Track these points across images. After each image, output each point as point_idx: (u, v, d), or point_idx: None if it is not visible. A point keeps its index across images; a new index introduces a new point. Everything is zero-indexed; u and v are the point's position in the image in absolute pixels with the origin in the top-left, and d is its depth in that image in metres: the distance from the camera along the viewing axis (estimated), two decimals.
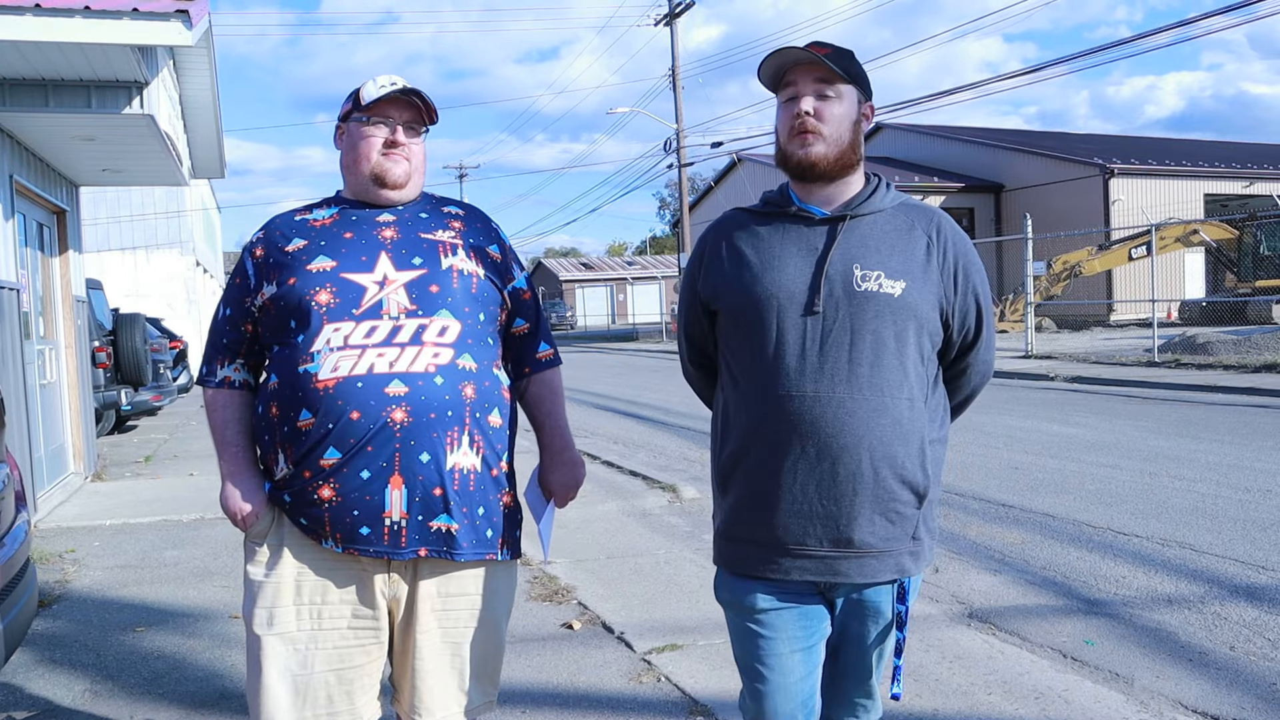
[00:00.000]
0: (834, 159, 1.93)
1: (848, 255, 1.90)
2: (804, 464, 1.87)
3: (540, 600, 4.54)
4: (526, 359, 2.22)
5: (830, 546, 1.90)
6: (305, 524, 2.00)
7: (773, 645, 1.97)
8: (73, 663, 3.97)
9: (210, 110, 8.90)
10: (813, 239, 1.94)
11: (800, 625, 1.97)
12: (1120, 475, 7.11)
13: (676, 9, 30.45)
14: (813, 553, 1.91)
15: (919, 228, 1.96)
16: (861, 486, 1.87)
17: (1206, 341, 15.40)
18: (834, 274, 1.89)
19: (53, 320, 8.20)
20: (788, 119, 1.95)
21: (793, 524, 1.90)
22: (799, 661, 1.98)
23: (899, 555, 1.93)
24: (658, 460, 8.79)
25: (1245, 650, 3.74)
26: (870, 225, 1.94)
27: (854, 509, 1.88)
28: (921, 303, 1.90)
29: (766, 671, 1.98)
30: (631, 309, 59.91)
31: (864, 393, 1.86)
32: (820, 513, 1.89)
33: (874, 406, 1.86)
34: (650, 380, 18.21)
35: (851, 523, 1.88)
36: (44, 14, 5.17)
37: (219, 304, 2.17)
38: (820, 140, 1.92)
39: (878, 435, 1.86)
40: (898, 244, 1.93)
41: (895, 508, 1.90)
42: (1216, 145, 38.86)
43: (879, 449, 1.87)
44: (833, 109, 1.93)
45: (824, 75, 1.93)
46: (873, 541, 1.90)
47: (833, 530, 1.89)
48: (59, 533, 6.40)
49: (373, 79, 2.10)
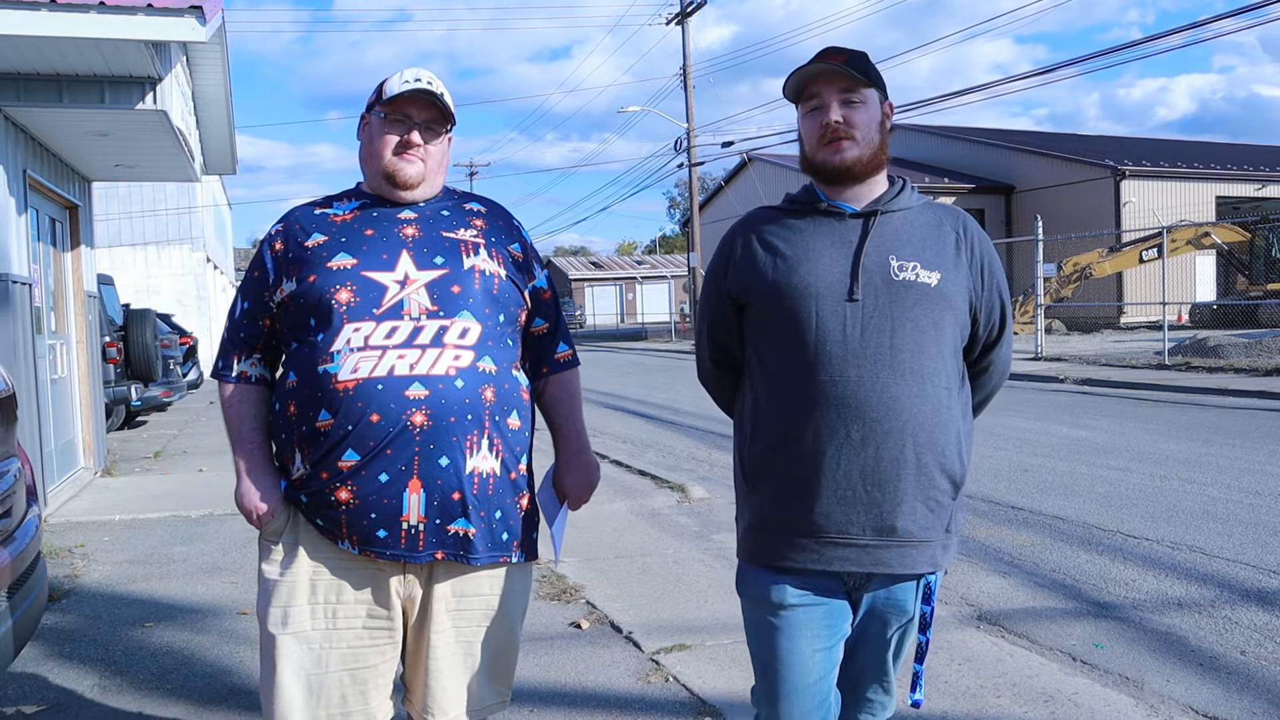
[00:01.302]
0: (867, 160, 1.96)
1: (882, 247, 1.93)
2: (848, 450, 1.86)
3: (548, 599, 4.53)
4: (545, 359, 2.21)
5: (873, 535, 1.89)
6: (322, 524, 1.99)
7: (795, 644, 1.94)
8: (82, 657, 3.98)
9: (222, 106, 8.92)
10: (845, 232, 1.95)
11: (825, 624, 1.95)
12: (1130, 478, 7.08)
13: (688, 8, 30.42)
14: (855, 540, 1.89)
15: (947, 224, 2.00)
16: (905, 472, 1.87)
17: (1218, 344, 15.34)
18: (871, 265, 1.91)
19: (64, 315, 8.23)
20: (815, 128, 1.96)
21: (835, 511, 1.88)
22: (819, 662, 1.95)
23: (934, 547, 1.94)
24: (667, 460, 8.77)
25: (1256, 655, 3.72)
26: (901, 220, 1.97)
27: (899, 495, 1.87)
28: (955, 294, 1.94)
29: (786, 671, 1.94)
30: (641, 308, 59.90)
31: (906, 379, 1.87)
32: (864, 499, 1.87)
33: (916, 392, 1.87)
34: (659, 380, 18.21)
35: (896, 509, 1.88)
36: (59, 9, 5.19)
37: (236, 297, 2.14)
38: (854, 144, 1.95)
39: (920, 421, 1.87)
40: (930, 238, 1.96)
41: (935, 496, 1.91)
42: (1228, 147, 38.66)
43: (922, 435, 1.87)
44: (859, 114, 1.95)
45: (846, 83, 1.95)
46: (914, 530, 1.90)
47: (876, 517, 1.88)
48: (68, 527, 6.42)
49: (399, 72, 2.07)
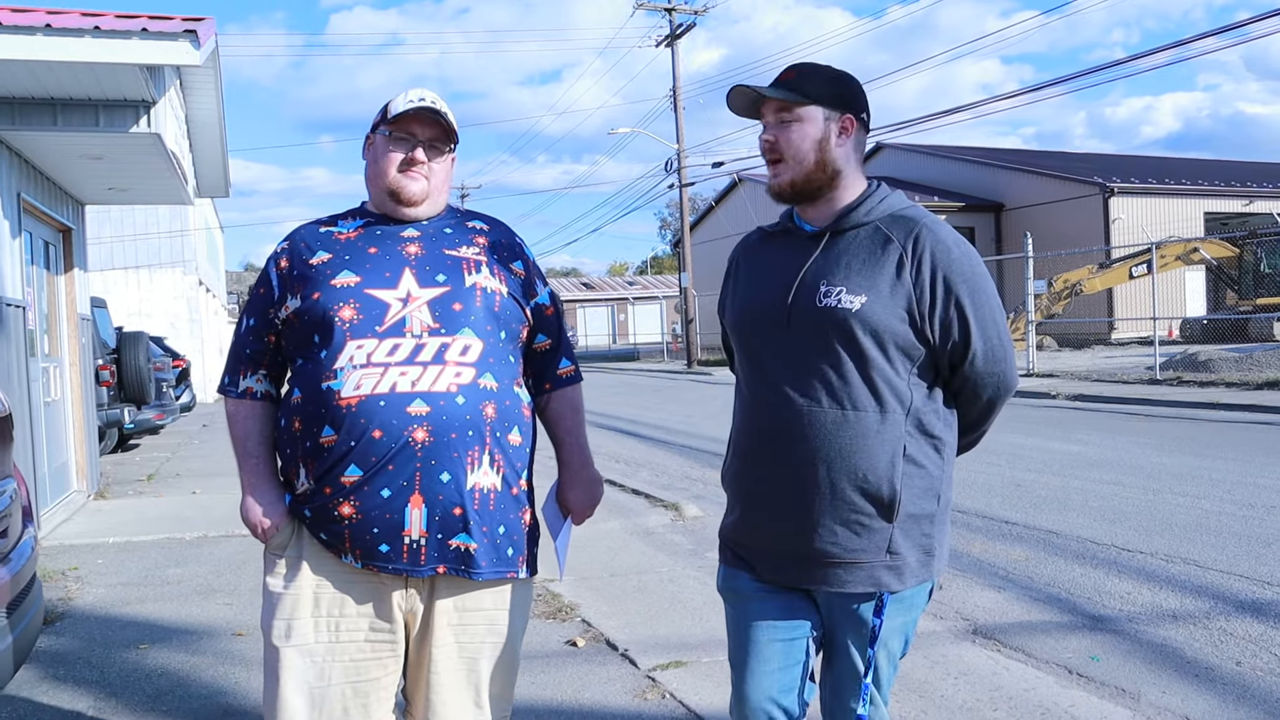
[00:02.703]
0: (802, 181, 1.97)
1: (819, 271, 1.95)
2: (778, 471, 1.96)
3: (544, 618, 4.53)
4: (548, 375, 2.23)
5: (796, 552, 1.97)
6: (325, 539, 2.00)
7: (753, 632, 2.04)
8: (76, 680, 3.96)
9: (216, 130, 8.95)
10: (798, 255, 2.00)
11: (782, 615, 2.02)
12: (1123, 492, 7.10)
13: (678, 30, 30.64)
14: (785, 555, 1.99)
15: (896, 240, 1.92)
16: (819, 496, 1.92)
17: (1208, 359, 15.40)
18: (805, 289, 1.95)
19: (58, 338, 8.23)
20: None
21: (768, 527, 2.00)
22: (777, 651, 2.02)
23: (873, 568, 1.93)
24: (660, 479, 8.78)
25: (1251, 666, 3.73)
26: (849, 241, 1.96)
27: (814, 517, 1.93)
28: (883, 316, 1.88)
29: (744, 656, 2.04)
30: (632, 329, 59.94)
31: (825, 403, 1.91)
32: (789, 517, 1.96)
33: (835, 417, 1.90)
34: (652, 400, 18.21)
35: (812, 531, 1.94)
36: (54, 34, 5.23)
37: (241, 314, 2.16)
38: (785, 166, 1.97)
39: (837, 447, 1.90)
40: (868, 259, 1.92)
41: (858, 519, 1.92)
42: (1216, 164, 38.97)
43: (837, 460, 1.90)
44: (789, 133, 1.96)
45: (779, 103, 1.97)
46: (836, 551, 1.93)
47: (795, 536, 1.96)
48: (62, 550, 6.40)
49: (404, 92, 2.10)
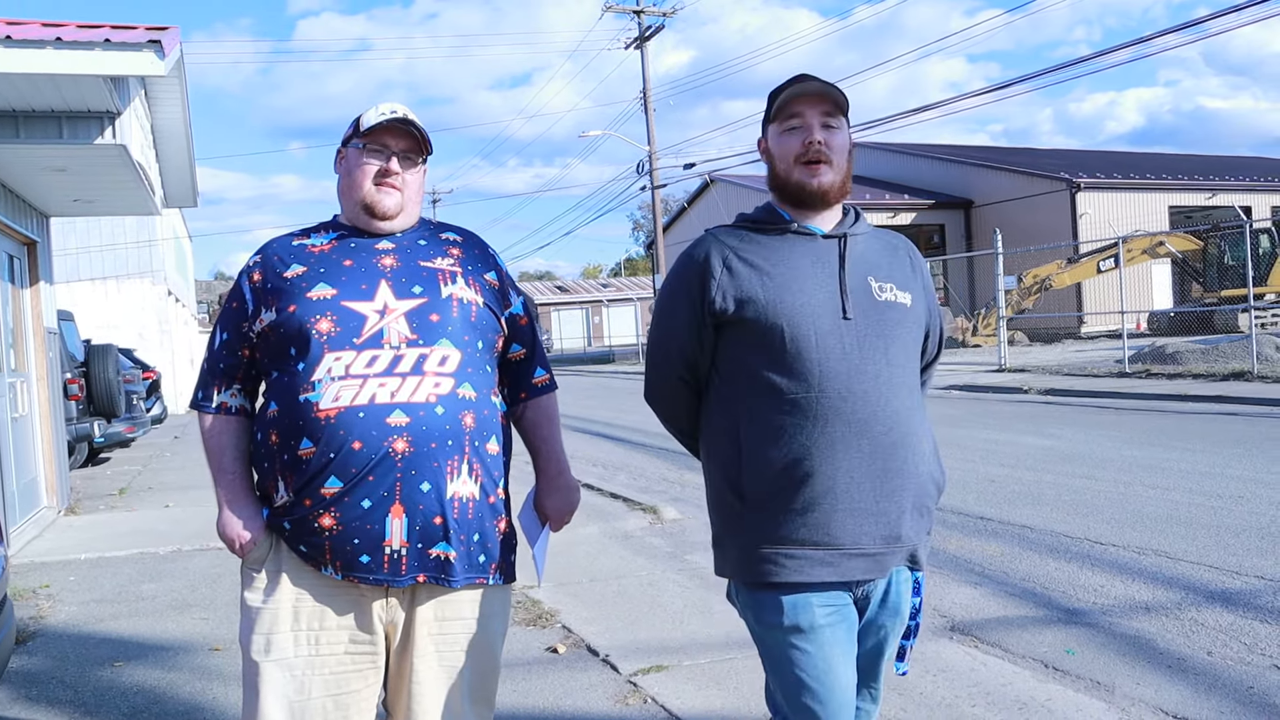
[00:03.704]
0: (839, 186, 2.02)
1: (860, 268, 2.00)
2: (859, 463, 1.90)
3: (524, 624, 4.52)
4: (523, 384, 2.24)
5: (882, 544, 1.95)
6: (305, 551, 2.00)
7: (832, 663, 1.93)
8: (50, 700, 3.91)
9: (183, 139, 8.85)
10: (821, 254, 1.99)
11: (849, 637, 1.99)
12: (1096, 485, 7.18)
13: (647, 32, 30.69)
14: (866, 551, 1.93)
15: (901, 249, 2.11)
16: (909, 482, 1.95)
17: (1175, 351, 15.62)
18: (854, 285, 1.97)
19: (24, 352, 8.11)
20: (795, 146, 1.99)
21: (849, 524, 1.91)
22: (850, 670, 1.97)
23: (922, 550, 2.05)
24: (638, 482, 8.79)
25: (1222, 655, 3.79)
26: (865, 245, 2.04)
27: (902, 504, 1.95)
28: (922, 314, 2.07)
29: (828, 692, 1.92)
30: (607, 331, 59.91)
31: (901, 392, 1.96)
32: (874, 510, 1.93)
33: (909, 405, 1.97)
34: (627, 402, 18.21)
35: (901, 518, 1.95)
36: (14, 45, 5.15)
37: (214, 328, 2.15)
38: (830, 169, 1.99)
39: (915, 432, 1.97)
40: (894, 261, 2.07)
41: (927, 502, 2.02)
42: (1179, 158, 39.49)
43: (916, 445, 1.96)
44: (837, 139, 2.01)
45: (829, 107, 1.99)
46: (912, 535, 1.99)
47: (885, 526, 1.94)
48: (33, 568, 6.30)
49: (375, 106, 2.10)
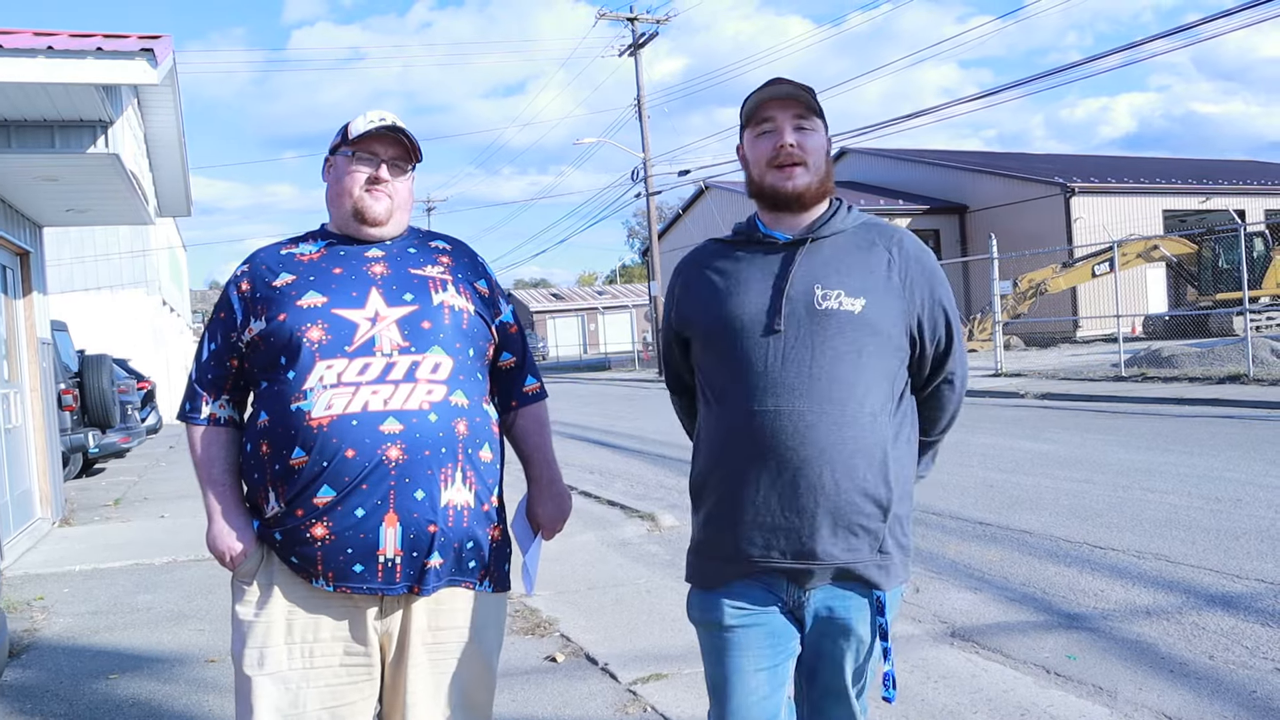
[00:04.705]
0: (816, 188, 2.01)
1: (810, 276, 1.96)
2: (766, 477, 1.91)
3: (522, 634, 4.49)
4: (514, 393, 2.23)
5: (794, 559, 1.93)
6: (296, 562, 1.97)
7: (737, 662, 1.99)
8: (44, 713, 3.87)
9: (176, 148, 8.83)
10: (775, 263, 1.99)
11: (767, 643, 1.98)
12: (1094, 489, 7.18)
13: (640, 40, 30.73)
14: (776, 563, 1.94)
15: (880, 244, 2.01)
16: (822, 499, 1.90)
17: (1171, 355, 15.64)
18: (795, 295, 1.94)
19: (17, 363, 8.07)
20: (767, 150, 2.00)
21: (757, 536, 1.94)
22: (762, 681, 1.99)
23: (865, 567, 1.95)
24: (635, 489, 8.76)
25: (1224, 659, 3.77)
26: (832, 246, 2.00)
27: (816, 521, 1.91)
28: (882, 318, 1.95)
29: (730, 689, 1.99)
30: (603, 338, 59.92)
31: (823, 406, 1.90)
32: (783, 525, 1.92)
33: (834, 420, 1.90)
34: (624, 409, 18.19)
35: (814, 535, 1.91)
36: (6, 54, 5.13)
37: (202, 339, 2.13)
38: (805, 170, 1.99)
39: (837, 448, 1.90)
40: (858, 262, 1.98)
41: (858, 520, 1.93)
42: (1172, 162, 39.63)
43: (839, 462, 1.90)
44: (811, 140, 2.01)
45: (800, 109, 2.00)
46: (835, 553, 1.93)
47: (795, 542, 1.92)
48: (27, 580, 6.26)
49: (363, 113, 2.10)
